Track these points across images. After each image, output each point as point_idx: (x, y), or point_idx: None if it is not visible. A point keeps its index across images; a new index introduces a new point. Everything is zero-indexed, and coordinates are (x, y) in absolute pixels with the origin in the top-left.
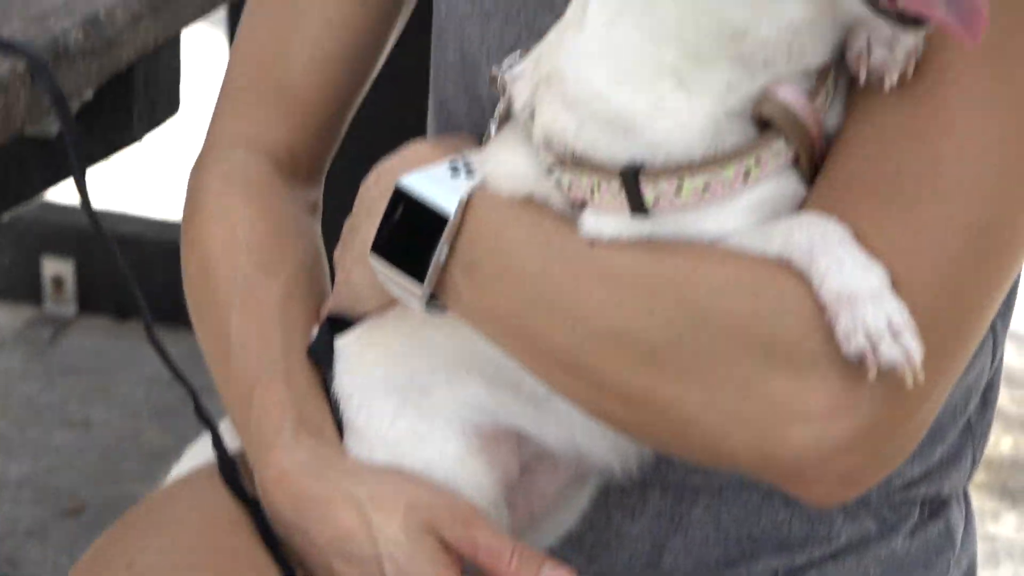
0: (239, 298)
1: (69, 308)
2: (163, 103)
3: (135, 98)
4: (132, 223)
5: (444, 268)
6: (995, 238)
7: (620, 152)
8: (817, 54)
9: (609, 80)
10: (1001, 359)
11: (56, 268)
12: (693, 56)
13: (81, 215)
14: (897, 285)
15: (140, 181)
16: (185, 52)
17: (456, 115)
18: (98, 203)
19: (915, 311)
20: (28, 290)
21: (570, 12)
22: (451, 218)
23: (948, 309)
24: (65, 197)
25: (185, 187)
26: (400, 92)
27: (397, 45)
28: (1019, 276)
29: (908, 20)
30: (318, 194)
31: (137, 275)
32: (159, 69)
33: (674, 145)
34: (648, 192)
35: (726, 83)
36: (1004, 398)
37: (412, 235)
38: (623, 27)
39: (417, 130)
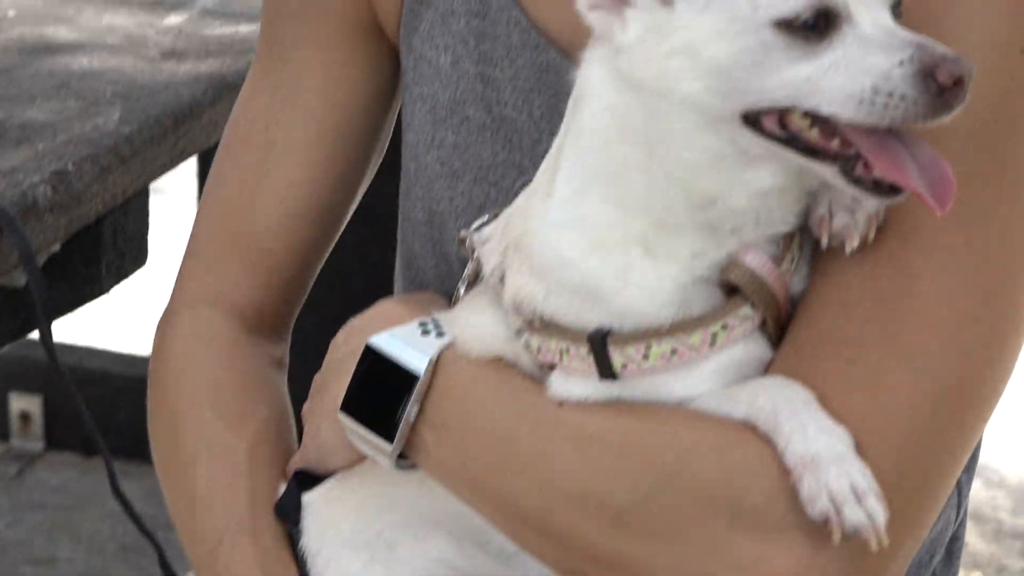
0: (205, 453)
1: (36, 444)
2: (131, 255)
3: (103, 250)
4: (99, 358)
5: (413, 427)
6: (959, 400)
7: (588, 318)
8: (785, 221)
9: (577, 249)
10: (966, 511)
11: (23, 404)
12: (660, 225)
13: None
14: (861, 448)
15: (109, 314)
16: (155, 202)
17: (424, 271)
18: (66, 336)
19: (879, 474)
20: None
21: (538, 178)
22: (421, 377)
23: (912, 471)
24: (34, 333)
25: (154, 326)
26: (368, 247)
27: (365, 201)
28: None
29: (884, 189)
30: (284, 349)
31: (105, 410)
32: (128, 221)
33: (642, 312)
34: (616, 357)
35: (693, 251)
36: (972, 534)
37: (381, 394)
38: (591, 197)
39: (385, 286)
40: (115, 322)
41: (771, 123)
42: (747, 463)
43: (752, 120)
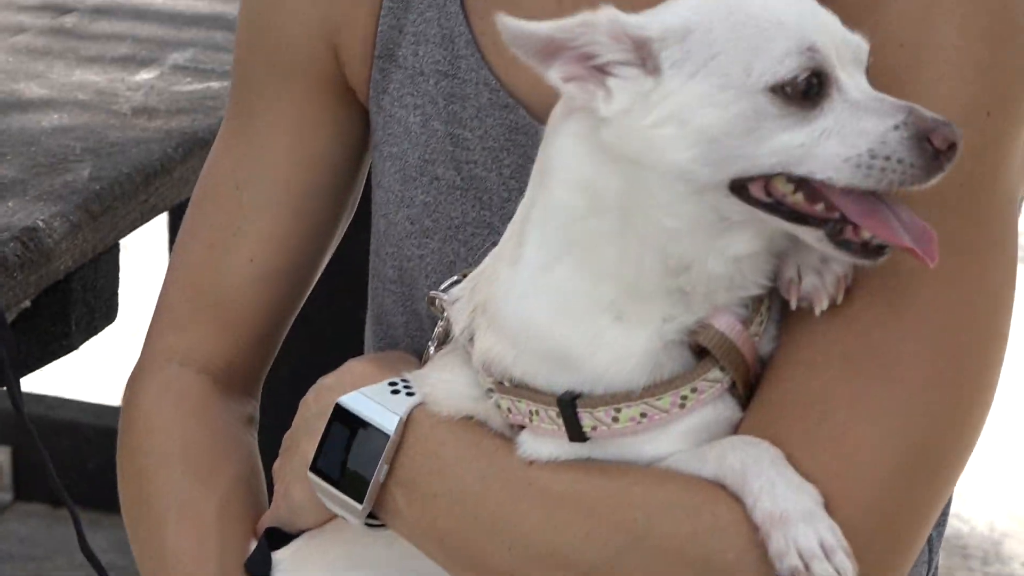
0: (175, 511)
1: (5, 495)
2: (101, 311)
3: (73, 306)
4: (69, 408)
5: (383, 486)
6: (927, 459)
7: (558, 381)
8: (756, 284)
9: (545, 316)
10: (936, 567)
11: None
12: (631, 291)
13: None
14: (830, 506)
15: (79, 365)
16: (125, 258)
17: (395, 328)
18: (35, 386)
19: (848, 531)
20: None
21: (503, 243)
22: (391, 436)
23: (881, 529)
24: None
25: (124, 377)
26: (339, 303)
27: (336, 257)
28: None
29: (870, 251)
30: (255, 406)
31: (74, 460)
32: (98, 277)
33: (613, 378)
34: (586, 420)
35: (664, 316)
36: None
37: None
38: (560, 267)
39: (355, 342)
40: (85, 373)
41: (758, 190)
42: (716, 521)
43: (739, 188)
